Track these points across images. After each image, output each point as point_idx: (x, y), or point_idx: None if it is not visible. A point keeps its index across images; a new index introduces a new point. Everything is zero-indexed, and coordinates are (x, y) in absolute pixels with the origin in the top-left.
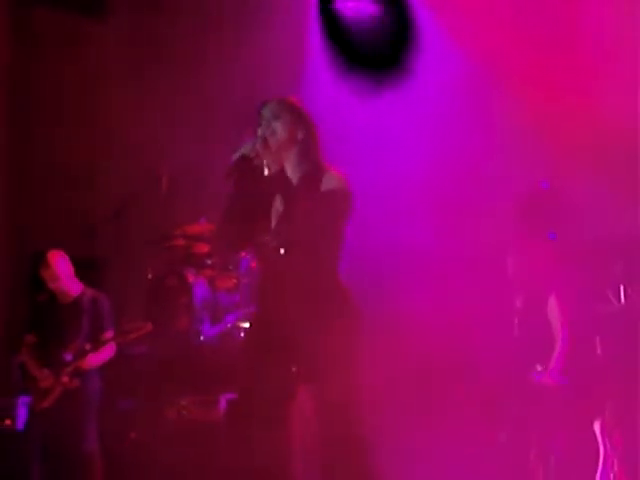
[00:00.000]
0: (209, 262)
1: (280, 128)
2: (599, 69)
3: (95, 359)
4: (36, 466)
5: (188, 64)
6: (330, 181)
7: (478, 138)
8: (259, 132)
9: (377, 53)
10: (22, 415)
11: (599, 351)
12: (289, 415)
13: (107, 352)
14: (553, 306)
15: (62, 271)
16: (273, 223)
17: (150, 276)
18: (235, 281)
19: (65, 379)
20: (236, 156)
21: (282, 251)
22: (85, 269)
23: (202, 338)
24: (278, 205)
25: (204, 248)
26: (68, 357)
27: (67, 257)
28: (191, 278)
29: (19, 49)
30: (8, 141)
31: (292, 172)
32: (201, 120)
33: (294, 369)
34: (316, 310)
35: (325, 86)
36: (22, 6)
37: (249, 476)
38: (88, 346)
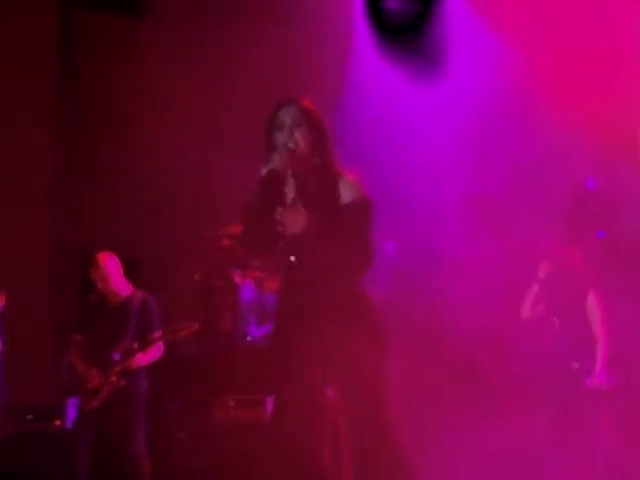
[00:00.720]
0: (255, 263)
1: (302, 138)
2: None
3: (143, 359)
4: (85, 466)
5: (230, 62)
6: (348, 190)
7: (520, 134)
8: (280, 139)
9: (419, 47)
10: (71, 415)
11: None
12: (318, 423)
13: (155, 352)
14: (593, 305)
15: (111, 272)
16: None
17: (197, 277)
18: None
19: (113, 379)
20: (265, 170)
21: (292, 259)
22: (133, 270)
23: (248, 339)
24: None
25: None
26: (116, 357)
27: (116, 258)
28: (238, 279)
29: (65, 52)
30: (55, 143)
31: (307, 179)
32: (245, 119)
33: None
34: (337, 320)
35: (370, 81)
36: (66, 9)
37: (292, 477)
38: (136, 345)
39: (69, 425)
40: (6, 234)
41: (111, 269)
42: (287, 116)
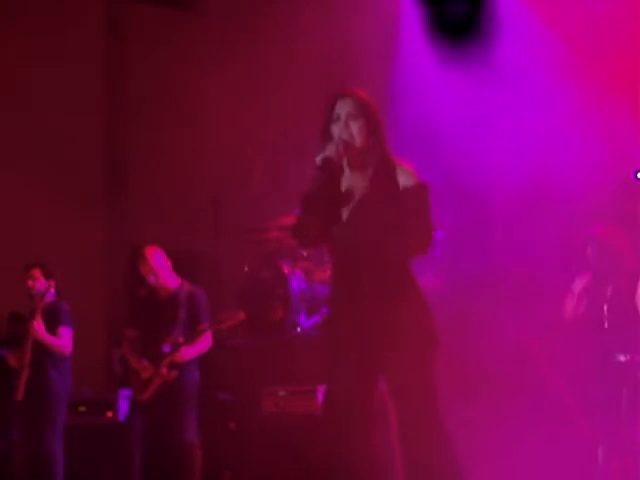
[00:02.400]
0: (305, 254)
1: (358, 130)
2: None
3: (192, 351)
4: (138, 457)
5: (280, 49)
6: (405, 177)
7: (564, 125)
8: (336, 131)
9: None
10: (123, 407)
11: None
12: (367, 404)
13: (204, 344)
14: None
15: (159, 265)
16: (345, 215)
17: (246, 268)
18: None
19: (164, 370)
20: (319, 159)
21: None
22: (182, 263)
23: (298, 329)
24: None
25: None
26: (166, 349)
27: (162, 251)
28: (287, 270)
29: (114, 44)
30: (106, 136)
31: (362, 171)
32: (296, 108)
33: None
34: (387, 306)
35: (417, 77)
36: (116, 2)
37: (344, 469)
38: (181, 339)
39: (121, 417)
40: (63, 231)
41: (158, 262)
42: (343, 108)
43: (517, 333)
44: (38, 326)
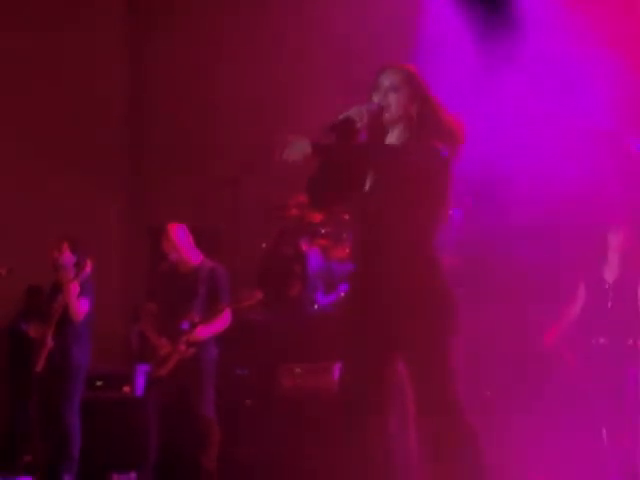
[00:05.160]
0: (323, 231)
1: (396, 103)
2: None
3: (209, 329)
4: (154, 432)
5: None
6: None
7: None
8: (374, 97)
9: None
10: (140, 383)
11: None
12: (385, 383)
13: (222, 322)
14: None
15: (181, 241)
16: (367, 185)
17: (264, 245)
18: (348, 250)
19: (182, 347)
20: (341, 117)
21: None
22: (202, 238)
23: (316, 307)
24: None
25: (317, 217)
26: (185, 326)
27: (185, 227)
28: (305, 247)
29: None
30: (127, 114)
31: (397, 141)
32: (317, 84)
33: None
34: (407, 280)
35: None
36: None
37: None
38: (197, 319)
39: (138, 392)
40: (81, 207)
41: (181, 239)
42: (385, 79)
43: (532, 316)
44: (74, 288)
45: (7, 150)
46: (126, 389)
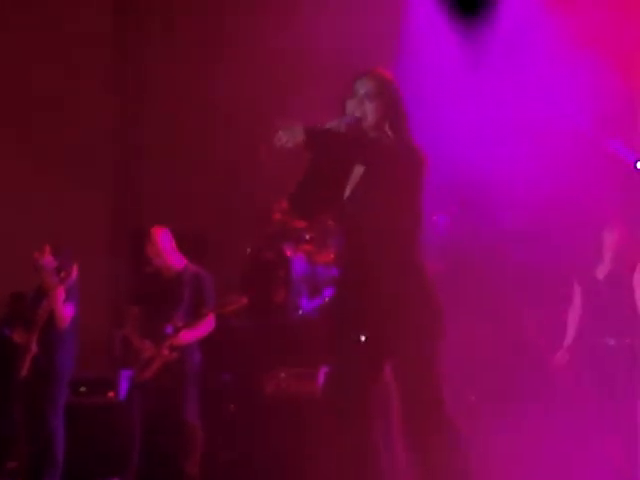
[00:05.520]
0: (307, 237)
1: (372, 112)
2: None
3: (193, 334)
4: (138, 436)
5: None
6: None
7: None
8: (349, 107)
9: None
10: (124, 387)
11: None
12: (371, 387)
13: (206, 326)
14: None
15: (165, 247)
16: (348, 192)
17: (248, 250)
18: (333, 255)
19: (165, 351)
20: (322, 128)
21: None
22: (187, 243)
23: (300, 312)
24: (355, 175)
25: (301, 223)
26: (169, 330)
27: (169, 232)
28: (289, 252)
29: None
30: (115, 117)
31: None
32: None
33: (363, 338)
34: (391, 285)
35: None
36: None
37: (344, 448)
38: (181, 324)
39: (122, 397)
40: (66, 211)
41: (164, 243)
42: (362, 86)
43: (519, 319)
44: (60, 293)
45: None
46: (110, 394)
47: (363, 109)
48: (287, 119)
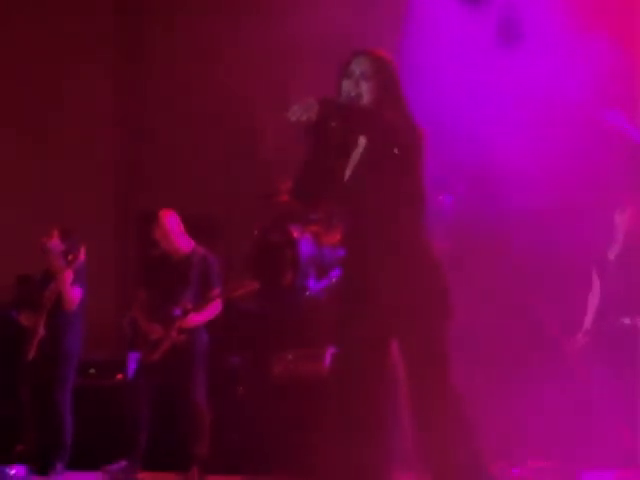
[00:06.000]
0: (314, 217)
1: (368, 92)
2: None
3: (201, 316)
4: (146, 418)
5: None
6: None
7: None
8: (345, 87)
9: None
10: (132, 369)
11: None
12: (378, 368)
13: (213, 309)
14: None
15: (172, 229)
16: (348, 174)
17: (256, 232)
18: (340, 236)
19: (173, 334)
20: (335, 100)
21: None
22: (193, 227)
23: (308, 293)
24: (354, 156)
25: None
26: (177, 312)
27: (176, 215)
28: (296, 234)
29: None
30: (119, 99)
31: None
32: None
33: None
34: (396, 262)
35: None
36: None
37: (352, 430)
38: (190, 306)
39: (130, 379)
40: (74, 195)
41: (172, 226)
42: (357, 66)
43: (525, 298)
44: (68, 275)
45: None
46: (119, 377)
47: (359, 89)
48: (306, 97)
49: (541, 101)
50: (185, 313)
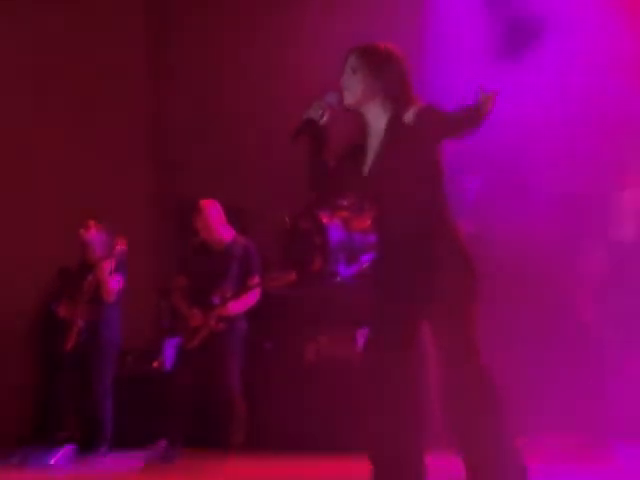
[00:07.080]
0: (344, 203)
1: (356, 84)
2: None
3: (240, 305)
4: (185, 403)
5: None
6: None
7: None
8: (343, 82)
9: None
10: (169, 356)
11: None
12: (410, 350)
13: (252, 298)
14: None
15: (214, 218)
16: (368, 163)
17: (287, 219)
18: (370, 222)
19: (212, 322)
20: (303, 119)
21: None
22: (234, 216)
23: (338, 279)
24: (372, 146)
25: None
26: (216, 300)
27: (218, 205)
28: (325, 219)
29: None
30: (151, 88)
31: (376, 121)
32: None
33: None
34: (423, 246)
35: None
36: None
37: (385, 412)
38: (229, 294)
39: (168, 366)
40: (109, 185)
41: (213, 216)
42: (348, 62)
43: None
44: (107, 265)
45: (36, 132)
46: (155, 364)
47: (348, 82)
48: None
49: (569, 87)
50: (224, 302)
